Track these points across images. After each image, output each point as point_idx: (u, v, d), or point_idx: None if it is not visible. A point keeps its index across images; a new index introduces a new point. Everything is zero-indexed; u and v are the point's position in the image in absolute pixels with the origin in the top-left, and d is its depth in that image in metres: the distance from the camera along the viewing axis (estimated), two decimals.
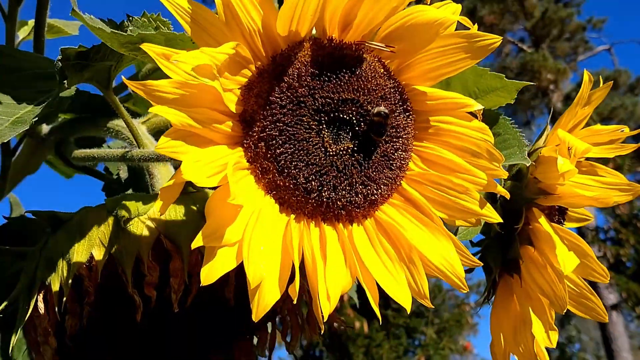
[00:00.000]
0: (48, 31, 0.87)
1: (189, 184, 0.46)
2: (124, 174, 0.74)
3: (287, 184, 0.38)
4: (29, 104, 0.49)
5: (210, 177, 0.35)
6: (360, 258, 0.40)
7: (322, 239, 0.40)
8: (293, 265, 0.37)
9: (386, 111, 0.40)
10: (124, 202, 0.49)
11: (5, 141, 0.41)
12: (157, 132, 0.76)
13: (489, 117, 0.55)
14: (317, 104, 0.39)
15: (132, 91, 1.03)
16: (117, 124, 0.72)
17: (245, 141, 0.39)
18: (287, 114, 0.38)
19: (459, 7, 0.43)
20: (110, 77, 0.60)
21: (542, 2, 16.16)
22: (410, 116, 0.43)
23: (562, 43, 16.11)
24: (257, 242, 0.35)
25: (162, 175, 0.67)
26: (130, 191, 0.73)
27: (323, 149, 0.39)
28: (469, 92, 0.55)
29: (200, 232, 0.34)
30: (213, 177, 0.36)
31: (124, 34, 0.41)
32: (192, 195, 0.51)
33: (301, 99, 0.38)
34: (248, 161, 0.39)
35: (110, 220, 0.48)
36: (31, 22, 0.92)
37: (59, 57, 0.45)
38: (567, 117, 0.54)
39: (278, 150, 0.38)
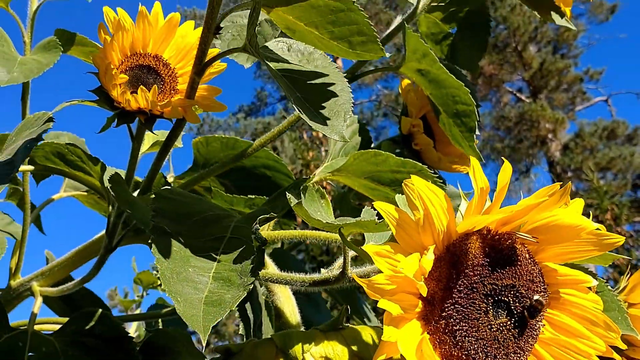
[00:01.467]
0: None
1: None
2: None
3: (460, 355, 0.48)
4: (215, 255, 0.58)
5: (412, 351, 0.45)
6: None
7: None
8: None
9: (544, 302, 0.50)
10: (290, 339, 0.58)
11: (232, 308, 0.50)
12: None
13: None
14: (486, 290, 0.49)
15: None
16: None
17: (426, 316, 0.48)
18: (463, 297, 0.48)
19: (582, 202, 0.54)
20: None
21: (540, 53, 16.68)
22: (547, 291, 0.53)
23: (560, 93, 16.54)
24: None
25: (282, 294, 0.76)
26: (247, 303, 0.82)
27: (489, 326, 0.49)
28: None
29: None
30: (412, 350, 0.45)
31: (333, 224, 0.51)
32: (341, 332, 0.60)
33: (474, 285, 0.48)
34: (428, 333, 0.48)
35: (281, 357, 0.57)
36: (147, 136, 1.02)
37: (256, 226, 0.55)
38: None
39: (455, 327, 0.48)
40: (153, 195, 0.66)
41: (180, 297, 0.49)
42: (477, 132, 1.03)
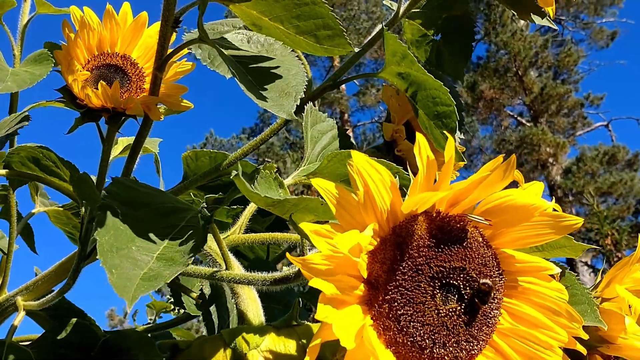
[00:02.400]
0: None
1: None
2: (207, 289, 0.81)
3: (405, 342, 0.45)
4: (163, 239, 0.56)
5: (349, 335, 0.42)
6: None
7: None
8: None
9: (491, 285, 0.47)
10: (239, 335, 0.55)
11: (167, 282, 0.47)
12: (230, 249, 0.83)
13: None
14: (432, 272, 0.46)
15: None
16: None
17: (370, 301, 0.46)
18: (407, 280, 0.45)
19: (542, 185, 0.51)
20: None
21: (541, 78, 16.78)
22: (503, 278, 0.51)
23: (561, 118, 16.57)
24: None
25: (247, 296, 0.73)
26: (213, 306, 0.80)
27: (436, 311, 0.46)
28: (536, 246, 0.62)
29: None
30: (350, 334, 0.42)
31: (272, 198, 0.49)
32: (295, 328, 0.58)
33: (419, 267, 0.46)
34: (372, 318, 0.46)
35: (228, 352, 0.54)
36: (120, 141, 1.01)
37: (204, 205, 0.53)
38: (622, 273, 0.61)
39: (399, 312, 0.45)
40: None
41: (115, 270, 0.46)
42: (459, 134, 1.01)
